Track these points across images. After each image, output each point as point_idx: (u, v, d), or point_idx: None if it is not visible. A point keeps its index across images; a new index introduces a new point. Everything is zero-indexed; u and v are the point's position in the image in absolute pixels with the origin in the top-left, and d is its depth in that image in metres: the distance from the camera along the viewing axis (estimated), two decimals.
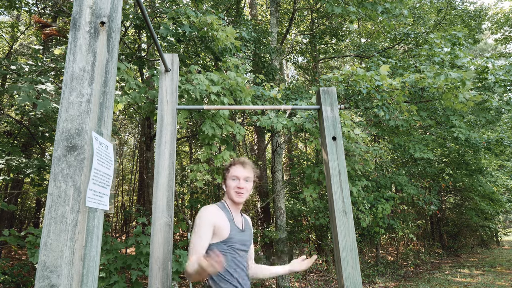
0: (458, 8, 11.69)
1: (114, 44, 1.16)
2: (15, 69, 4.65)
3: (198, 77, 3.60)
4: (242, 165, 1.80)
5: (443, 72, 4.54)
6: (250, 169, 1.82)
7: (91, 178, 1.01)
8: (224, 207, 1.77)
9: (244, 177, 1.77)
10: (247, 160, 1.85)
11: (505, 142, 6.87)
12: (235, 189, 1.75)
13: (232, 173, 1.79)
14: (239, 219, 1.81)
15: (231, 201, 1.79)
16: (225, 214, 1.73)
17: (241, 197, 1.76)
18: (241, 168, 1.79)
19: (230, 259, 1.67)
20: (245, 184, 1.78)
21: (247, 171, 1.80)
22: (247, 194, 1.79)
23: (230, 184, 1.77)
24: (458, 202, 14.09)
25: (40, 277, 0.88)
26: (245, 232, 1.79)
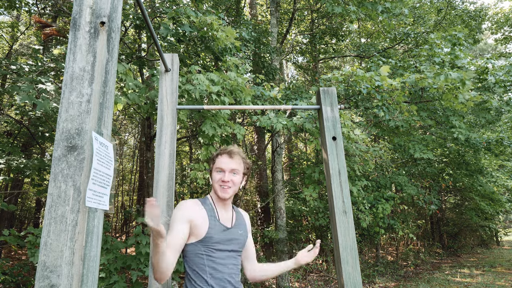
0: (458, 8, 11.69)
1: (114, 44, 1.16)
2: (15, 69, 4.65)
3: (199, 77, 3.60)
4: (229, 155, 1.58)
5: (443, 72, 4.55)
6: (238, 159, 1.60)
7: (91, 178, 1.01)
8: (206, 203, 1.60)
9: (230, 169, 1.56)
10: (235, 149, 1.62)
11: (505, 142, 6.88)
12: (219, 183, 1.56)
13: (217, 164, 1.58)
14: (228, 215, 1.62)
15: (216, 196, 1.60)
16: (206, 210, 1.55)
17: (226, 192, 1.55)
18: (227, 158, 1.58)
19: (205, 262, 1.47)
20: (232, 177, 1.57)
21: (234, 162, 1.58)
22: (234, 188, 1.58)
23: (215, 176, 1.58)
24: (458, 202, 14.09)
25: (40, 277, 0.88)
26: (233, 230, 1.58)
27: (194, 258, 1.49)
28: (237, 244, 1.58)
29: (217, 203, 1.61)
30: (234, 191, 1.59)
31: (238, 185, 1.61)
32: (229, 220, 1.61)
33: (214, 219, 1.54)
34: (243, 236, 1.63)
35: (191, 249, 1.50)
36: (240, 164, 1.62)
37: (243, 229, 1.65)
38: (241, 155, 1.63)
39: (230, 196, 1.59)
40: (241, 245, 1.61)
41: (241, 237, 1.60)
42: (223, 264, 1.49)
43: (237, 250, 1.58)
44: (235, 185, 1.59)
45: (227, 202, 1.62)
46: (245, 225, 1.69)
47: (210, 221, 1.52)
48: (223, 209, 1.61)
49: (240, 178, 1.61)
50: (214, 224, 1.52)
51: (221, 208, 1.61)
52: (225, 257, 1.51)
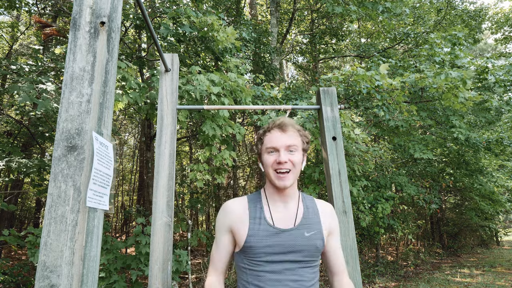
0: (458, 8, 11.69)
1: (114, 44, 1.16)
2: (15, 69, 4.65)
3: (199, 77, 3.60)
4: (281, 128, 1.23)
5: (443, 72, 4.55)
6: (293, 132, 1.24)
7: (92, 178, 1.01)
8: (256, 199, 1.26)
9: (285, 146, 1.20)
10: (287, 120, 1.26)
11: (505, 142, 6.88)
12: (274, 166, 1.19)
13: (267, 143, 1.22)
14: (288, 212, 1.23)
15: (272, 187, 1.24)
16: (250, 210, 1.22)
17: (285, 178, 1.18)
18: (279, 133, 1.22)
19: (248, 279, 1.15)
20: (289, 156, 1.19)
21: (289, 137, 1.22)
22: (295, 171, 1.20)
23: (267, 160, 1.21)
24: (458, 202, 14.09)
25: (40, 277, 0.88)
26: (295, 232, 1.18)
27: (238, 271, 1.22)
28: (302, 252, 1.16)
29: (273, 196, 1.25)
30: (296, 176, 1.22)
31: (299, 166, 1.23)
32: (290, 219, 1.21)
33: (258, 221, 1.19)
34: (315, 239, 1.19)
35: (236, 260, 1.24)
36: (297, 138, 1.24)
37: (315, 229, 1.21)
38: (296, 127, 1.27)
39: (292, 184, 1.20)
40: (310, 253, 1.18)
41: (309, 241, 1.17)
42: (275, 280, 1.12)
43: (302, 260, 1.16)
44: (296, 167, 1.21)
45: (289, 193, 1.24)
46: (319, 224, 1.24)
47: (250, 225, 1.18)
48: (282, 204, 1.24)
49: (300, 156, 1.23)
50: (256, 228, 1.18)
51: (279, 203, 1.24)
52: (279, 270, 1.13)
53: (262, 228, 1.18)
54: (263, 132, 1.28)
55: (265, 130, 1.28)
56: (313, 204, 1.30)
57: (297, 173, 1.22)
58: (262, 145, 1.26)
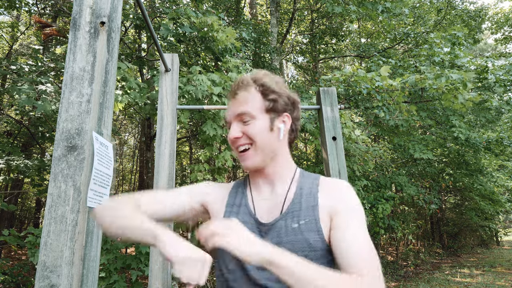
0: (458, 8, 11.70)
1: (114, 44, 1.16)
2: (15, 69, 4.65)
3: (200, 77, 3.61)
4: (232, 94, 0.88)
5: (444, 74, 4.55)
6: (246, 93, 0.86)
7: (92, 178, 1.01)
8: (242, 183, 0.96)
9: (235, 116, 0.86)
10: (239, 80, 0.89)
11: (505, 142, 6.88)
12: (232, 145, 0.89)
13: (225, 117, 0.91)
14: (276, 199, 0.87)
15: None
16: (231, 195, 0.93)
17: (246, 159, 0.86)
18: (230, 101, 0.89)
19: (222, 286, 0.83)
20: (243, 128, 0.85)
21: (239, 102, 0.86)
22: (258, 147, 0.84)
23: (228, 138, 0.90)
24: (458, 202, 14.09)
25: (40, 277, 0.88)
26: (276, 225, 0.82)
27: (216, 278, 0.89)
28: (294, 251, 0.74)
29: (255, 179, 0.92)
30: (264, 151, 0.85)
31: (263, 136, 0.85)
32: (276, 208, 0.86)
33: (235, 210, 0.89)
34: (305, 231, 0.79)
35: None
36: (253, 99, 0.86)
37: (307, 216, 0.82)
38: (252, 81, 0.87)
39: (260, 163, 0.86)
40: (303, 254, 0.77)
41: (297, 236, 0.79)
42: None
43: None
44: (257, 140, 0.84)
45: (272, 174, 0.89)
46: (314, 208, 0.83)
47: (225, 214, 0.89)
48: (268, 189, 0.90)
49: (262, 123, 0.85)
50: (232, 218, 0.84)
51: (264, 187, 0.91)
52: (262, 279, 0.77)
53: (240, 218, 0.85)
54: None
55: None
56: (313, 183, 0.89)
57: (265, 147, 0.85)
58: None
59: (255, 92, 0.86)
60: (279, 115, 0.88)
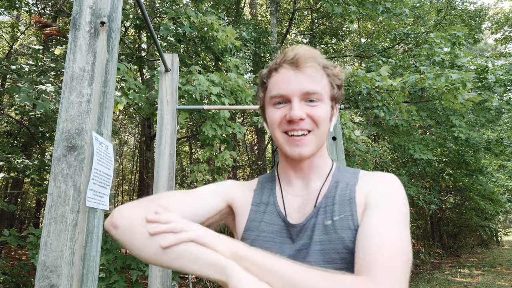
0: (458, 8, 11.70)
1: (114, 44, 1.16)
2: (15, 69, 4.65)
3: (199, 78, 3.61)
4: (295, 64, 0.73)
5: (444, 74, 4.55)
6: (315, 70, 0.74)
7: (92, 178, 1.01)
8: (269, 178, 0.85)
9: (301, 94, 0.73)
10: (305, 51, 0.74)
11: (505, 142, 6.88)
12: (282, 127, 0.75)
13: (273, 89, 0.76)
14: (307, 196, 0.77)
15: (284, 159, 0.81)
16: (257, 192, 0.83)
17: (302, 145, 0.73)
18: (291, 71, 0.74)
19: None
20: (308, 110, 0.73)
21: (308, 77, 0.73)
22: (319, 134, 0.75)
23: (272, 116, 0.76)
24: (458, 202, 14.10)
25: (40, 277, 0.88)
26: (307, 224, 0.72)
27: None
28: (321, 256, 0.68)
29: (287, 173, 0.81)
30: (320, 140, 0.77)
31: (326, 124, 0.77)
32: (310, 205, 0.76)
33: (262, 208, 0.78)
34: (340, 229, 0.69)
35: None
36: (322, 79, 0.76)
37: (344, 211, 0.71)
38: (320, 60, 0.76)
39: (313, 152, 0.76)
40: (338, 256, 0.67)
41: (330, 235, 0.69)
42: None
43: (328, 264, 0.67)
44: (320, 127, 0.75)
45: (311, 167, 0.79)
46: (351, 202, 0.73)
47: (251, 213, 0.79)
48: (301, 184, 0.80)
49: (327, 109, 0.76)
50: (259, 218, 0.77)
51: (296, 182, 0.80)
52: None
53: (267, 219, 0.76)
54: (267, 72, 0.79)
55: (270, 68, 0.79)
56: (352, 176, 0.79)
57: (323, 136, 0.77)
58: (266, 93, 0.79)
59: (323, 73, 0.76)
60: (335, 106, 0.81)
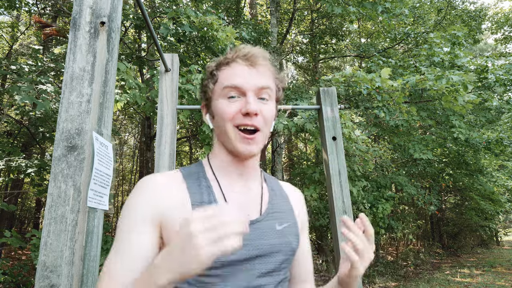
0: (458, 8, 11.70)
1: (114, 44, 1.16)
2: (15, 69, 4.65)
3: (199, 77, 3.61)
4: (249, 60, 0.74)
5: (444, 76, 4.54)
6: (267, 69, 0.77)
7: (92, 178, 1.01)
8: (199, 173, 0.78)
9: (256, 89, 0.73)
10: (256, 50, 0.76)
11: (505, 142, 6.88)
12: (235, 120, 0.73)
13: (226, 80, 0.75)
14: (251, 194, 0.79)
15: (226, 154, 0.78)
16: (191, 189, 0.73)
17: (253, 142, 0.73)
18: (245, 67, 0.74)
19: None
20: (261, 106, 0.74)
21: (261, 75, 0.75)
22: (265, 130, 0.75)
23: (224, 109, 0.74)
24: (458, 202, 14.10)
25: (40, 277, 0.88)
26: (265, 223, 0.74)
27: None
28: (275, 257, 0.73)
29: (225, 169, 0.78)
30: (265, 140, 0.76)
31: (270, 124, 0.77)
32: (254, 204, 0.78)
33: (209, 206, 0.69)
34: (289, 235, 0.77)
35: None
36: (272, 79, 0.78)
37: (288, 220, 0.79)
38: (270, 61, 0.78)
39: (258, 152, 0.77)
40: (286, 257, 0.75)
41: (282, 239, 0.75)
42: None
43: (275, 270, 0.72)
44: (267, 125, 0.75)
45: (252, 166, 0.80)
46: (291, 212, 0.82)
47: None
48: (240, 182, 0.79)
49: (274, 108, 0.78)
50: None
51: (236, 179, 0.78)
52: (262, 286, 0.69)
53: None
54: (217, 65, 0.78)
55: (221, 61, 0.77)
56: (278, 185, 0.87)
57: (267, 136, 0.77)
58: (216, 85, 0.76)
59: (272, 74, 0.78)
60: (277, 108, 0.82)
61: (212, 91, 0.77)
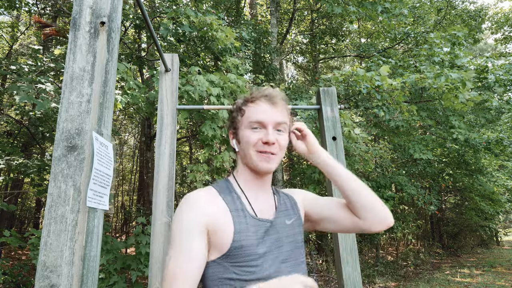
0: (458, 8, 11.71)
1: (114, 44, 1.16)
2: (15, 69, 4.65)
3: (198, 78, 3.61)
4: (270, 100, 0.99)
5: (443, 73, 4.55)
6: (283, 107, 1.00)
7: (92, 178, 1.01)
8: (228, 188, 1.00)
9: (274, 123, 0.97)
10: (276, 91, 1.03)
11: (505, 142, 6.88)
12: (257, 147, 0.95)
13: (252, 116, 0.98)
14: (268, 202, 1.02)
15: (249, 172, 1.00)
16: (226, 202, 0.94)
17: (270, 161, 0.96)
18: (267, 106, 0.98)
19: None
20: (277, 137, 0.97)
21: (279, 112, 0.99)
22: (280, 155, 0.99)
23: (249, 138, 0.96)
24: (458, 202, 14.10)
25: (40, 277, 0.88)
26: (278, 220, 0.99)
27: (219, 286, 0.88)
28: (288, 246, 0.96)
29: (248, 184, 1.01)
30: (279, 161, 1.00)
31: (284, 150, 1.01)
32: (270, 208, 1.01)
33: (241, 214, 0.93)
34: (296, 227, 1.01)
35: (212, 273, 0.89)
36: (287, 116, 1.02)
37: (294, 213, 1.04)
38: (285, 100, 1.03)
39: (274, 169, 1.00)
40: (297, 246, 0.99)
41: (291, 231, 0.99)
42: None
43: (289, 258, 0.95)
44: (281, 151, 0.99)
45: (268, 180, 1.03)
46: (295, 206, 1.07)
47: (235, 219, 0.91)
48: (260, 193, 1.02)
49: (286, 138, 1.02)
50: (244, 222, 0.92)
51: (256, 191, 1.01)
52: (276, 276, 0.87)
53: (250, 220, 0.92)
54: (244, 102, 1.02)
55: (247, 99, 1.02)
56: (283, 192, 1.13)
57: (281, 158, 1.01)
58: (243, 118, 1.00)
59: (287, 112, 1.03)
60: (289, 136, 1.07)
61: (239, 122, 1.02)
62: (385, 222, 1.00)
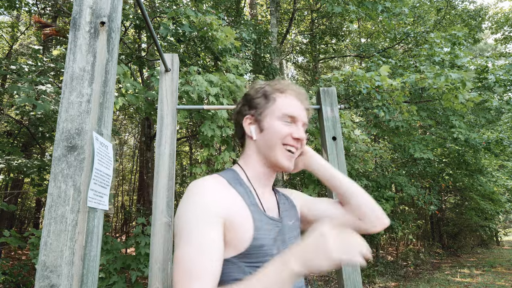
0: (458, 8, 11.70)
1: (114, 44, 1.16)
2: (15, 69, 4.65)
3: (197, 78, 3.60)
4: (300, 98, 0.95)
5: (443, 73, 4.55)
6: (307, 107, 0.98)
7: (92, 178, 1.01)
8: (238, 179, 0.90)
9: (303, 122, 0.94)
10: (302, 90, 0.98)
11: (505, 142, 6.88)
12: (286, 141, 0.89)
13: (285, 107, 0.91)
14: (272, 201, 0.95)
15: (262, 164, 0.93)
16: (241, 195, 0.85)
17: (291, 161, 0.92)
18: (298, 102, 0.94)
19: None
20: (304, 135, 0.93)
21: (305, 111, 0.96)
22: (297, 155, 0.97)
23: (280, 129, 0.89)
24: (458, 202, 14.09)
25: (40, 277, 0.88)
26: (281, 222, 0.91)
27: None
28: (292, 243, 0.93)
29: (259, 179, 0.93)
30: None
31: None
32: (275, 207, 0.95)
33: (256, 209, 0.85)
34: (296, 228, 0.97)
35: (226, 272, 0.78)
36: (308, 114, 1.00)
37: (294, 215, 0.99)
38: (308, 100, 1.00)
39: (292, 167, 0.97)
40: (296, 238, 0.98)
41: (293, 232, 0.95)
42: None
43: None
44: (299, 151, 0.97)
45: (274, 178, 0.98)
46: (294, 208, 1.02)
47: (253, 214, 0.83)
48: (267, 189, 0.96)
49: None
50: (260, 219, 0.83)
51: (264, 187, 0.95)
52: None
53: (264, 220, 0.84)
54: (272, 89, 0.94)
55: (276, 87, 0.94)
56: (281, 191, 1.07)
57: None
58: (273, 107, 0.91)
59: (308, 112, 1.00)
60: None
61: (268, 110, 0.93)
62: (383, 222, 1.00)
